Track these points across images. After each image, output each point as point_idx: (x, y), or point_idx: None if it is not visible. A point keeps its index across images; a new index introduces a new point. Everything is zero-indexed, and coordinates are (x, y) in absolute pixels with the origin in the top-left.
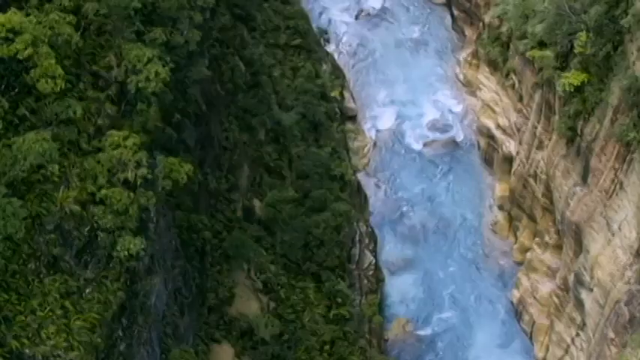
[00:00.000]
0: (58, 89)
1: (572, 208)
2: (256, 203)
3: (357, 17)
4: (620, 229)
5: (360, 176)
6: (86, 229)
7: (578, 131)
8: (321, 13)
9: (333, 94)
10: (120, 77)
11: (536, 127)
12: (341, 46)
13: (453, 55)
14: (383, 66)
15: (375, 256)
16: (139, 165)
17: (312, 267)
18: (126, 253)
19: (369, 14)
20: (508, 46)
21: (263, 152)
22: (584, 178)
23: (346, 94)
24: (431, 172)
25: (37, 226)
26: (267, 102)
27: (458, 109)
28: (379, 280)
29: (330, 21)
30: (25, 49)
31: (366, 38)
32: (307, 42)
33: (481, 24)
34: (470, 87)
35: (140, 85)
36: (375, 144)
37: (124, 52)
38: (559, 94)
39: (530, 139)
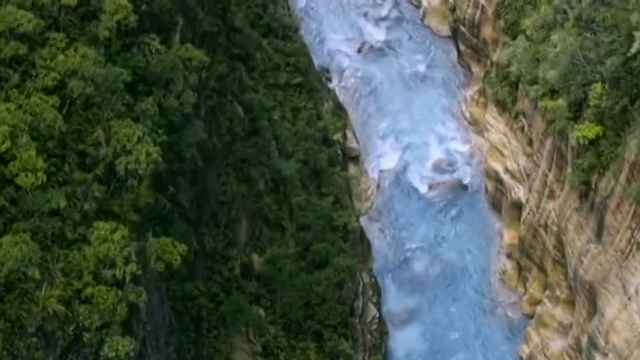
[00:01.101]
0: (39, 183)
1: (585, 266)
2: (255, 258)
3: (359, 50)
4: (637, 292)
5: (363, 220)
6: (71, 327)
7: (593, 185)
8: (322, 45)
9: (335, 137)
10: (108, 158)
11: (547, 176)
12: (343, 81)
13: (458, 91)
14: (386, 102)
15: (379, 309)
16: (127, 261)
17: (313, 325)
18: (114, 354)
19: (371, 47)
20: (517, 87)
21: (262, 204)
22: (599, 235)
23: (349, 134)
24: (436, 216)
25: (17, 329)
26: (266, 150)
27: (464, 149)
28: (383, 334)
29: (331, 54)
30: (3, 142)
31: (369, 72)
32: (308, 80)
33: (489, 62)
34: (476, 126)
35: (130, 167)
36: (378, 186)
37: (112, 129)
38: (572, 144)
39: (541, 187)
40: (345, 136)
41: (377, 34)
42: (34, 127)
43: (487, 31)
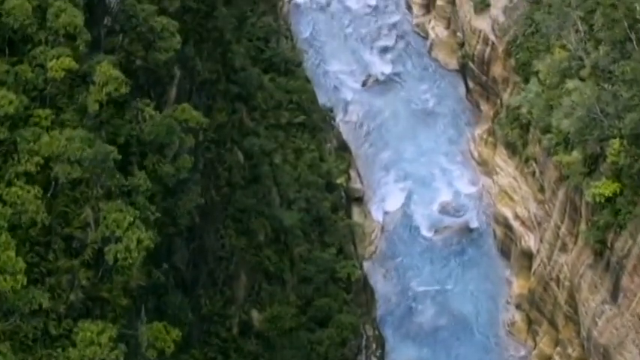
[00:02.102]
0: (19, 286)
1: (600, 329)
2: (255, 315)
3: (364, 84)
4: None
5: (367, 265)
6: None
7: (608, 244)
8: (325, 78)
9: (339, 180)
10: (97, 244)
11: (559, 227)
12: (347, 116)
13: (466, 128)
14: (392, 139)
15: None
16: None
17: None
18: None
19: (376, 80)
20: (528, 129)
21: (262, 257)
22: (614, 297)
23: (352, 174)
24: (442, 262)
25: None
26: (267, 198)
27: (472, 190)
28: None
29: (335, 87)
30: None
31: (374, 107)
32: (311, 119)
33: (499, 101)
34: (485, 166)
35: (119, 256)
36: (382, 229)
37: (102, 212)
38: (587, 199)
39: (553, 238)
40: (348, 176)
41: (382, 66)
42: (14, 222)
43: (497, 70)
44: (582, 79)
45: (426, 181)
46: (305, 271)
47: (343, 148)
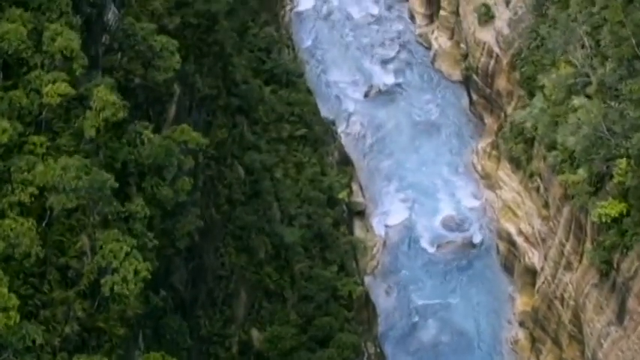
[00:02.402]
0: (12, 322)
1: (605, 350)
2: (254, 334)
3: (366, 95)
4: None
5: (369, 280)
6: None
7: (614, 265)
8: (327, 88)
9: (340, 195)
10: (93, 274)
11: (564, 245)
12: (349, 127)
13: (470, 141)
14: (394, 151)
15: None
16: None
17: None
18: None
19: (379, 91)
20: (532, 144)
21: (262, 275)
22: (620, 318)
23: (354, 187)
24: (445, 277)
25: None
26: (268, 214)
27: (475, 204)
28: None
29: (338, 98)
30: None
31: (376, 118)
32: (313, 132)
33: (503, 114)
34: (488, 180)
35: (116, 288)
36: (384, 243)
37: (98, 241)
38: (593, 219)
39: (557, 256)
40: (350, 190)
41: (385, 77)
42: (7, 253)
43: (501, 83)
44: (588, 96)
45: (429, 195)
46: (306, 289)
47: (345, 160)
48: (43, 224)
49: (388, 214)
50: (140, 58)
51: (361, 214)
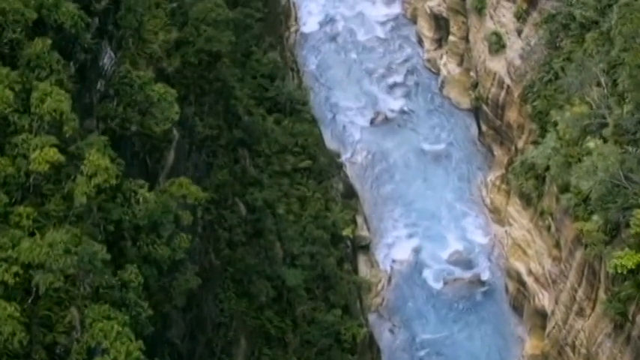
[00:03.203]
0: None
1: None
2: None
3: (372, 122)
4: None
5: (373, 318)
6: None
7: (630, 317)
8: (332, 113)
9: (345, 233)
10: (82, 355)
11: (576, 290)
12: (355, 156)
13: (478, 172)
14: (400, 182)
15: None
16: None
17: None
18: None
19: (385, 118)
20: (544, 180)
21: (263, 319)
22: None
23: (359, 220)
24: (452, 316)
25: None
26: (270, 254)
27: (484, 240)
28: None
29: (343, 125)
30: None
31: (382, 147)
32: (317, 164)
33: (513, 148)
34: (497, 214)
35: None
36: (389, 279)
37: (87, 319)
38: (608, 270)
39: (569, 301)
40: (355, 223)
41: (391, 103)
42: None
43: (512, 115)
44: (604, 139)
45: (436, 229)
46: (308, 334)
47: (350, 192)
48: (29, 301)
49: (394, 248)
50: (137, 105)
51: (366, 247)
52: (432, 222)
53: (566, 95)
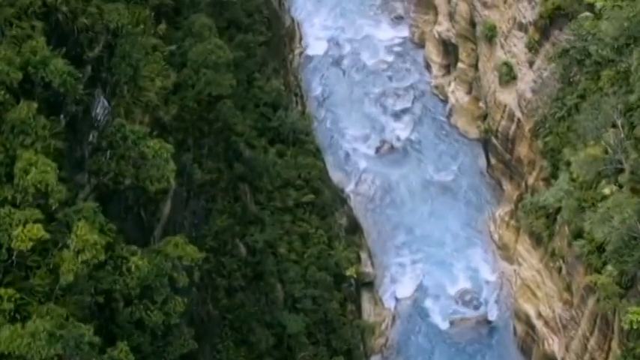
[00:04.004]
0: None
1: None
2: None
3: (378, 151)
4: None
5: None
6: None
7: None
8: (337, 141)
9: (348, 273)
10: None
11: (587, 339)
12: (359, 186)
13: (486, 206)
14: (406, 215)
15: None
16: None
17: None
18: None
19: (391, 147)
20: (555, 219)
21: None
22: None
23: (363, 255)
24: (458, 356)
25: None
26: (270, 297)
27: (492, 277)
28: None
29: (347, 153)
30: None
31: (387, 177)
32: (320, 199)
33: (524, 184)
34: (506, 251)
35: None
36: (394, 318)
37: None
38: (623, 325)
39: (580, 350)
40: (359, 259)
41: (397, 131)
42: None
43: (523, 150)
44: (620, 185)
45: (442, 264)
46: None
47: (354, 226)
48: None
49: (398, 285)
50: (131, 159)
51: (370, 284)
52: (438, 257)
53: (581, 134)
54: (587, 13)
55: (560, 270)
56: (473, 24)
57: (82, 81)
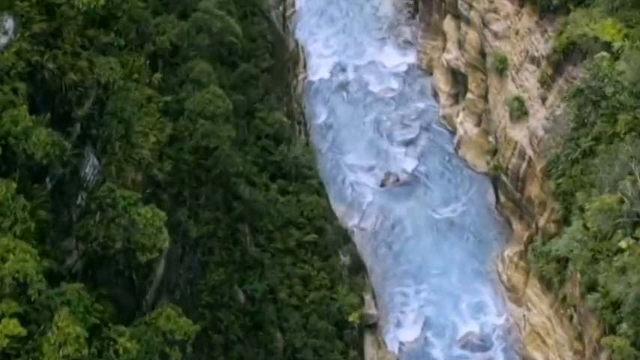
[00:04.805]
0: None
1: None
2: None
3: (383, 184)
4: None
5: None
6: None
7: None
8: (340, 172)
9: (351, 318)
10: None
11: None
12: (363, 221)
13: (495, 244)
14: (411, 252)
15: None
16: None
17: None
18: None
19: (397, 180)
20: (566, 264)
21: None
22: None
23: (366, 297)
24: None
25: None
26: (269, 348)
27: (499, 320)
28: None
29: (351, 185)
30: None
31: (392, 212)
32: (323, 239)
33: (534, 225)
34: (514, 293)
35: None
36: None
37: None
38: None
39: None
40: (362, 301)
41: (404, 163)
42: None
43: (534, 190)
44: (637, 238)
45: (448, 305)
46: None
47: (357, 265)
48: None
49: (402, 328)
50: (122, 226)
51: (373, 326)
52: (444, 297)
53: (596, 183)
54: (604, 53)
55: (571, 318)
56: (483, 54)
57: (71, 140)
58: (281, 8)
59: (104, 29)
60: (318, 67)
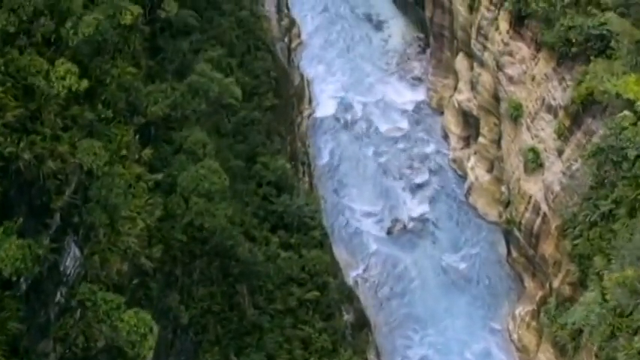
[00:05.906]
0: None
1: None
2: None
3: (389, 232)
4: None
5: None
6: None
7: None
8: (344, 217)
9: None
10: None
11: None
12: (367, 272)
13: (505, 300)
14: (417, 307)
15: None
16: None
17: None
18: None
19: (404, 227)
20: (581, 330)
21: None
22: None
23: (370, 356)
24: None
25: None
26: None
27: None
28: None
29: (357, 233)
30: None
31: (399, 263)
32: (326, 297)
33: (548, 285)
34: (525, 354)
35: None
36: None
37: None
38: None
39: None
40: None
41: (411, 209)
42: None
43: (548, 248)
44: None
45: None
46: None
47: (361, 321)
48: None
49: None
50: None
51: None
52: (451, 356)
53: (616, 248)
54: (627, 113)
55: None
56: (497, 98)
57: (49, 233)
58: (286, 40)
59: (90, 101)
60: (324, 103)
